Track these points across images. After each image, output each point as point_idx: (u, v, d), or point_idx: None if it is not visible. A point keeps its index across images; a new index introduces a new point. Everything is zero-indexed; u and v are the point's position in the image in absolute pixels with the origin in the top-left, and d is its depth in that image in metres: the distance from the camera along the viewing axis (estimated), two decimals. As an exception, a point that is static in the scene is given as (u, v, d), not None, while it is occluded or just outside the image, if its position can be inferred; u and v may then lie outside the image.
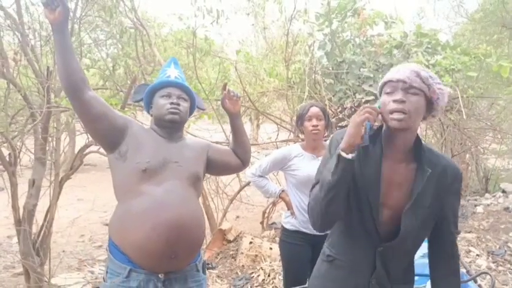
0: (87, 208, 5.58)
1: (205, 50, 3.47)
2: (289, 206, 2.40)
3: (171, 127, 1.83)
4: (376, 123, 1.34)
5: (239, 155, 1.99)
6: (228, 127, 2.57)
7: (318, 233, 2.34)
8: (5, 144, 3.00)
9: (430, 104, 1.35)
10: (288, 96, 4.32)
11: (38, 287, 2.99)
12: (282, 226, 2.44)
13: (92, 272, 3.76)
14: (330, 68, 4.06)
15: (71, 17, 2.86)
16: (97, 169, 8.86)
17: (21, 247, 2.99)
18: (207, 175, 2.37)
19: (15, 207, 2.97)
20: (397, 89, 1.35)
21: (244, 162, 2.01)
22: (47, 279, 3.11)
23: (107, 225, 5.30)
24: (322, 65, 4.21)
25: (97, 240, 4.81)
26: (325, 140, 2.36)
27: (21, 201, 3.06)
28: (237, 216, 6.02)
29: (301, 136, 2.57)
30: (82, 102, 1.68)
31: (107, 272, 1.76)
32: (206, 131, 4.44)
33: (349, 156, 1.30)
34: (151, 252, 1.65)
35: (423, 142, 1.45)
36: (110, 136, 1.76)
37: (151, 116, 1.93)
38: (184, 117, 1.86)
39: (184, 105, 1.85)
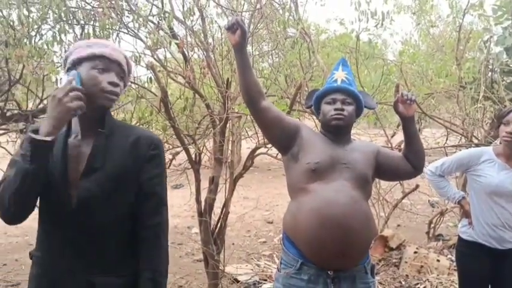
0: (252, 206, 6.04)
1: (368, 54, 3.44)
2: (467, 215, 2.22)
3: (337, 131, 1.89)
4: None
5: (411, 161, 1.93)
6: (389, 131, 2.50)
7: (499, 247, 2.13)
8: (191, 145, 3.46)
9: None
10: (459, 97, 3.98)
11: (214, 273, 3.36)
12: (459, 235, 2.28)
13: (259, 266, 4.06)
14: (511, 65, 3.62)
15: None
16: (259, 170, 9.49)
17: (202, 236, 3.41)
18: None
19: (198, 201, 3.39)
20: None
21: (416, 169, 1.94)
22: (222, 267, 3.47)
23: (270, 223, 5.69)
24: (501, 61, 3.78)
25: (261, 236, 5.16)
26: None
27: (202, 196, 3.48)
28: (398, 225, 5.77)
29: (475, 141, 2.33)
30: (258, 111, 1.88)
31: (281, 263, 1.90)
32: (367, 136, 4.39)
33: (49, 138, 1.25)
34: (320, 249, 1.72)
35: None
36: (283, 139, 1.91)
37: (320, 121, 2.02)
38: (349, 121, 1.90)
39: (349, 109, 1.88)
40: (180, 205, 6.78)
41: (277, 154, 3.79)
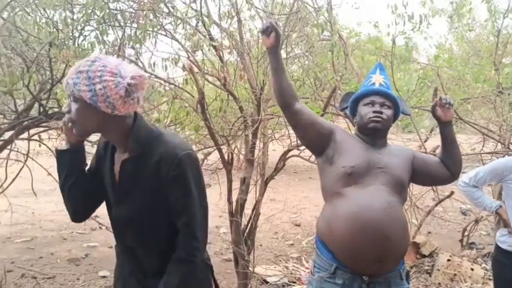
0: (279, 208, 6.04)
1: (404, 57, 3.40)
2: (507, 224, 2.17)
3: (373, 134, 1.88)
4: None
5: (448, 166, 1.90)
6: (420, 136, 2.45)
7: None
8: (223, 146, 3.50)
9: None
10: (497, 103, 3.89)
11: (244, 273, 3.39)
12: (496, 244, 2.23)
13: (287, 268, 4.06)
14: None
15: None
16: (286, 173, 9.46)
17: (233, 236, 3.44)
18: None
19: (229, 201, 3.43)
20: None
21: (453, 174, 1.91)
22: (252, 268, 3.50)
23: (297, 225, 5.69)
24: (542, 67, 3.67)
25: (289, 238, 5.16)
26: None
27: (231, 197, 3.51)
28: (429, 232, 5.66)
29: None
30: (292, 113, 1.89)
31: (314, 266, 1.90)
32: (399, 140, 4.33)
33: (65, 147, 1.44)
34: (355, 253, 1.71)
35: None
36: (317, 141, 1.91)
37: (356, 123, 2.01)
38: (387, 124, 1.88)
39: (388, 113, 1.87)
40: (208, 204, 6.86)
41: (310, 157, 3.80)
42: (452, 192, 3.70)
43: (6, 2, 2.76)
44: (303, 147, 3.31)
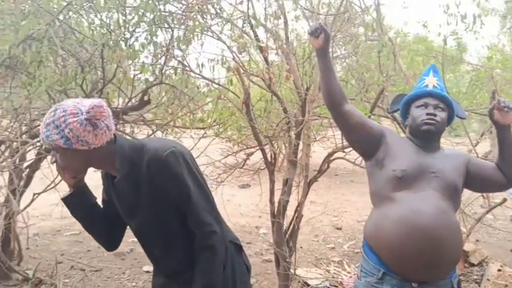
0: (319, 210, 5.98)
1: (456, 59, 3.28)
2: None
3: (426, 137, 1.82)
4: None
5: (505, 172, 1.82)
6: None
7: None
8: (267, 146, 3.50)
9: None
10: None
11: (285, 274, 3.37)
12: None
13: (328, 271, 4.01)
14: None
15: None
16: (326, 175, 9.33)
17: (274, 237, 3.43)
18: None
19: (272, 202, 3.43)
20: None
21: (510, 180, 1.83)
22: (293, 270, 3.48)
23: (338, 229, 5.61)
24: None
25: (330, 242, 5.09)
26: None
27: (273, 197, 3.51)
28: (477, 240, 5.43)
29: None
30: (341, 114, 1.86)
31: (361, 270, 1.87)
32: (448, 144, 4.18)
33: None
34: (405, 259, 1.67)
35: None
36: (367, 144, 1.87)
37: (407, 126, 1.96)
38: (440, 127, 1.83)
39: (442, 115, 1.81)
40: (247, 205, 6.90)
41: (355, 159, 3.74)
42: (504, 200, 3.53)
43: (62, 5, 2.89)
44: (348, 149, 3.27)
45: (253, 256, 4.52)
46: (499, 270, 3.42)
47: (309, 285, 3.63)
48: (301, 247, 4.85)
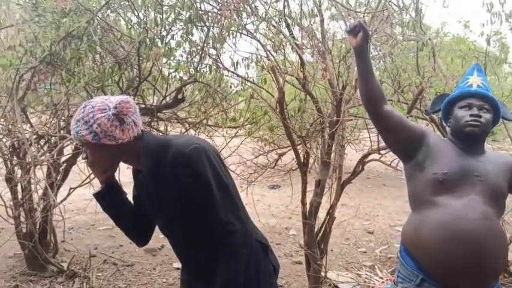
0: (350, 214, 5.88)
1: (499, 59, 3.14)
2: None
3: (470, 140, 1.75)
4: None
5: None
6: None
7: None
8: (299, 147, 3.46)
9: None
10: None
11: (316, 277, 3.32)
12: None
13: (359, 275, 3.93)
14: None
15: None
16: (358, 178, 9.15)
17: (305, 239, 3.38)
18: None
19: (303, 203, 3.38)
20: None
21: None
22: (323, 272, 3.42)
23: (370, 233, 5.49)
24: None
25: (361, 246, 4.99)
26: None
27: (305, 198, 3.46)
28: (517, 249, 5.20)
29: None
30: (380, 115, 1.80)
31: (397, 276, 1.81)
32: (488, 148, 4.02)
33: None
34: (446, 265, 1.61)
35: None
36: (406, 146, 1.81)
37: (449, 127, 1.89)
38: (485, 129, 1.75)
39: (487, 117, 1.74)
40: (277, 205, 6.87)
41: (391, 162, 3.64)
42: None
43: (101, 3, 2.95)
44: (384, 151, 3.19)
45: (282, 257, 4.47)
46: (542, 282, 3.24)
47: (339, 289, 3.56)
48: (331, 250, 4.77)
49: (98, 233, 5.00)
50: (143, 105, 3.36)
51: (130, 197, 1.67)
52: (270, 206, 6.95)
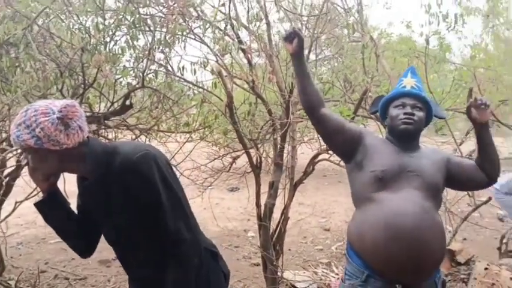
0: (308, 212, 5.98)
1: (439, 58, 3.30)
2: None
3: (405, 137, 1.83)
4: None
5: (486, 170, 1.82)
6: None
7: None
8: (252, 150, 3.48)
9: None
10: (537, 104, 3.71)
11: (273, 278, 3.35)
12: None
13: (316, 273, 3.99)
14: None
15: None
16: (314, 177, 9.33)
17: (261, 240, 3.41)
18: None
19: (258, 205, 3.40)
20: None
21: (491, 178, 1.84)
22: (280, 273, 3.45)
23: (327, 230, 5.60)
24: None
25: (318, 243, 5.08)
26: None
27: (259, 200, 3.48)
28: (464, 239, 5.47)
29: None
30: (318, 118, 1.86)
31: (345, 273, 1.86)
32: (432, 143, 4.20)
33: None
34: (389, 261, 1.66)
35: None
36: (345, 147, 1.88)
37: (386, 126, 1.96)
38: (418, 126, 1.84)
39: (420, 115, 1.83)
40: (236, 208, 6.86)
41: (340, 160, 3.72)
42: (490, 198, 3.55)
43: (41, 9, 2.84)
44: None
45: (241, 260, 4.48)
46: (486, 268, 3.42)
47: (296, 288, 3.61)
48: (289, 249, 4.83)
49: (48, 247, 4.80)
50: (89, 113, 3.26)
51: (74, 206, 1.61)
52: (229, 209, 6.95)
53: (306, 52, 3.30)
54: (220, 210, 6.72)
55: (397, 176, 1.72)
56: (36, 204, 1.53)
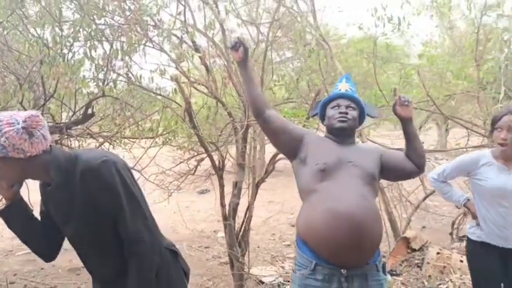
0: (277, 210, 6.14)
1: (386, 58, 3.51)
2: (474, 216, 2.28)
3: (341, 133, 2.00)
4: None
5: (413, 159, 2.01)
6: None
7: (507, 246, 2.17)
8: (214, 152, 3.60)
9: None
10: (480, 98, 3.98)
11: (240, 274, 3.48)
12: (467, 237, 2.33)
13: (283, 267, 4.15)
14: (532, 64, 3.60)
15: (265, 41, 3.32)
16: (284, 175, 9.56)
17: (227, 239, 3.53)
18: (390, 182, 2.37)
19: (222, 205, 3.53)
20: None
21: (419, 167, 2.02)
22: (247, 269, 3.59)
23: (294, 226, 5.76)
24: (522, 60, 3.75)
25: (286, 239, 5.25)
26: None
27: (226, 200, 3.61)
28: (423, 227, 5.75)
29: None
30: (263, 120, 2.03)
31: (296, 264, 1.99)
32: (387, 138, 4.43)
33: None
34: (333, 244, 1.78)
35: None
36: (288, 147, 2.05)
37: (325, 126, 2.13)
38: (352, 124, 2.02)
39: (353, 114, 2.02)
40: (206, 210, 6.95)
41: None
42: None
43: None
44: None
45: (210, 260, 4.60)
46: (438, 253, 3.66)
47: (263, 282, 3.75)
48: (258, 246, 4.98)
49: (16, 258, 4.78)
50: (51, 123, 3.30)
51: (36, 213, 1.68)
52: (199, 211, 7.04)
53: (267, 54, 3.46)
54: (190, 213, 6.81)
55: (338, 166, 1.88)
56: (1, 212, 1.59)
